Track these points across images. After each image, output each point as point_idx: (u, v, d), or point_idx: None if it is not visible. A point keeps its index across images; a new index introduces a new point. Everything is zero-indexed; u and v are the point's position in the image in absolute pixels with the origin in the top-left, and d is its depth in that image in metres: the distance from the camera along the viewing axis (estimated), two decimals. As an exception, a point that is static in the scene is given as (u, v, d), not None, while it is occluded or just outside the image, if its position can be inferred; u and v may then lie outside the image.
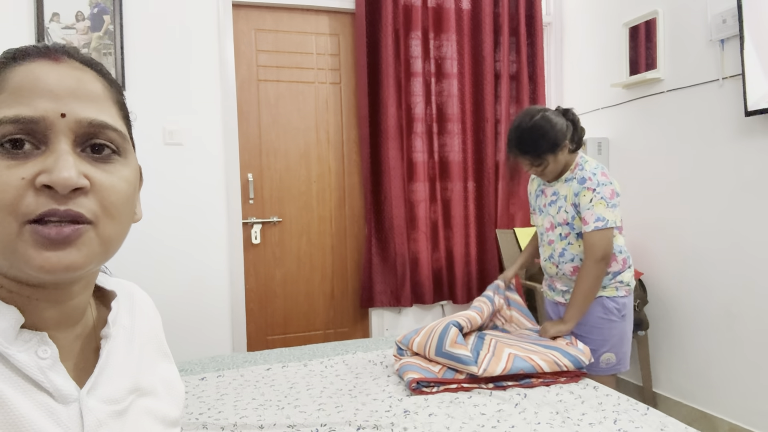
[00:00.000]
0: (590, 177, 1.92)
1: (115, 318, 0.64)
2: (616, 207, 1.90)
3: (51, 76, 0.53)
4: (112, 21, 2.63)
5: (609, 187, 1.90)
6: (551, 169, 1.98)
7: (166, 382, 0.70)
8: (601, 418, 1.47)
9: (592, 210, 1.89)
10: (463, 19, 3.12)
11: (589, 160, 1.99)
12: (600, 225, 1.88)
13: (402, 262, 2.99)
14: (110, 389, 0.60)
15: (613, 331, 1.98)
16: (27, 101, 0.52)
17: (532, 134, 1.92)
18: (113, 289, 0.68)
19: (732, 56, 2.32)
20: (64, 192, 0.50)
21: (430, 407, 1.56)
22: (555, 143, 1.92)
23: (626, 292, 2.01)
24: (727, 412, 2.42)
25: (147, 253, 2.69)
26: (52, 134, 0.52)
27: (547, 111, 1.97)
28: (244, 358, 2.08)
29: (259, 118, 2.95)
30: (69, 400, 0.55)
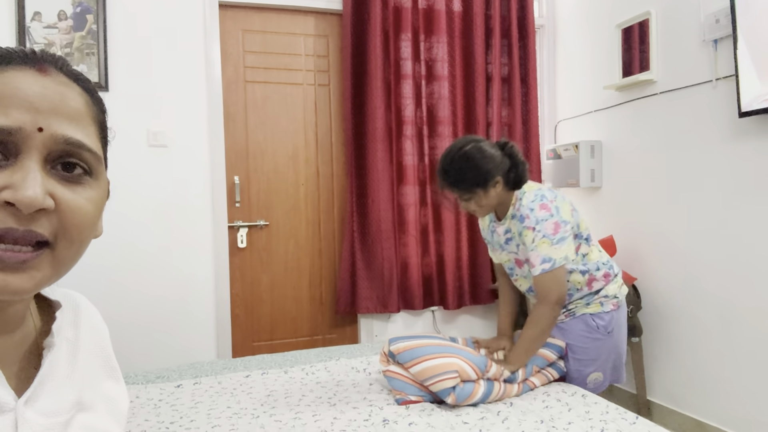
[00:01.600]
0: (528, 215, 1.73)
1: (59, 328, 0.61)
2: (563, 241, 1.71)
3: (34, 88, 0.51)
4: (96, 20, 2.58)
5: (550, 222, 1.71)
6: (482, 205, 1.79)
7: (107, 398, 0.66)
8: (588, 427, 1.41)
9: (536, 251, 1.71)
10: (454, 21, 3.07)
11: (527, 192, 1.79)
12: (547, 267, 1.69)
13: (389, 267, 2.93)
14: (50, 401, 0.56)
15: (600, 349, 1.83)
16: (4, 110, 0.49)
17: (460, 165, 1.73)
18: (58, 300, 0.64)
19: (725, 57, 2.28)
20: (27, 212, 0.48)
21: (411, 416, 1.50)
22: (484, 177, 1.73)
23: (614, 305, 1.86)
24: (722, 421, 2.35)
25: (130, 256, 2.63)
26: (24, 147, 0.49)
27: (481, 142, 1.78)
28: (223, 365, 2.02)
29: (246, 119, 2.90)
30: (4, 410, 0.52)
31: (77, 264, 0.57)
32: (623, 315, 1.91)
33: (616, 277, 1.89)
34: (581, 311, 1.85)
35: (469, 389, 1.59)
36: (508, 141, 1.84)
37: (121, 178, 2.61)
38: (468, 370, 1.60)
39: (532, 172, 3.21)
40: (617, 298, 1.87)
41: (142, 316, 2.65)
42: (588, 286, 1.83)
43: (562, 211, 1.74)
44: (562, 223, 1.72)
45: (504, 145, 1.81)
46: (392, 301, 2.94)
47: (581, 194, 3.15)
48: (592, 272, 1.83)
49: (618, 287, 1.88)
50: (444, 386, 1.56)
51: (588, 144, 2.93)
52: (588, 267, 1.82)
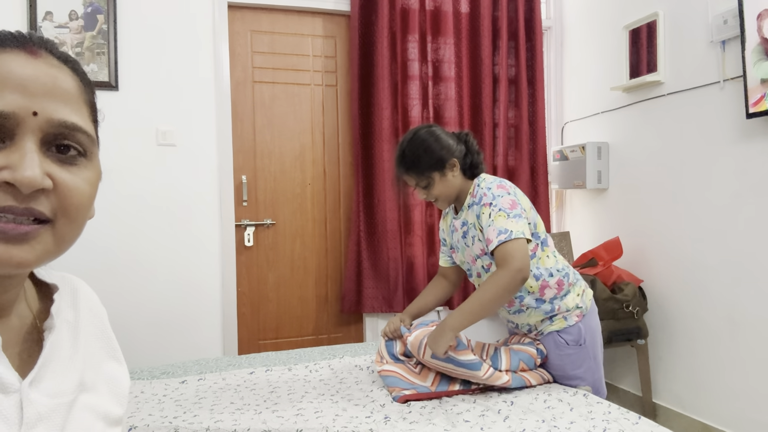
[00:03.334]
0: (485, 193, 1.69)
1: (58, 311, 0.62)
2: (520, 217, 1.63)
3: (26, 71, 0.52)
4: (106, 20, 2.62)
5: (507, 198, 1.66)
6: (441, 192, 1.75)
7: (109, 379, 0.67)
8: (590, 426, 1.41)
9: (492, 225, 1.63)
10: (462, 23, 3.08)
11: (486, 178, 1.76)
12: (503, 237, 1.59)
13: (395, 266, 2.94)
14: (54, 383, 0.57)
15: (575, 362, 1.77)
16: None
17: (414, 148, 1.72)
18: (55, 283, 0.66)
19: (733, 58, 2.27)
20: (26, 192, 0.49)
21: (413, 414, 1.51)
22: (440, 158, 1.71)
23: (578, 316, 1.77)
24: (728, 424, 2.34)
25: (138, 254, 2.66)
26: (19, 131, 0.50)
27: (433, 126, 1.78)
28: (228, 362, 2.04)
29: (254, 119, 2.92)
30: (9, 390, 0.53)
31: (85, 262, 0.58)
32: (594, 321, 1.82)
33: (573, 286, 1.79)
34: (548, 330, 1.79)
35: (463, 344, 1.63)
36: (464, 131, 1.83)
37: (130, 176, 2.64)
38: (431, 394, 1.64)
39: (539, 173, 3.20)
40: (580, 308, 1.78)
41: (150, 314, 2.68)
42: (540, 292, 1.75)
43: (520, 198, 1.71)
44: (519, 204, 1.67)
45: (459, 135, 1.81)
46: (398, 300, 2.95)
47: (588, 196, 3.14)
48: (545, 278, 1.75)
49: (578, 297, 1.79)
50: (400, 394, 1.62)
51: (595, 145, 2.93)
52: (541, 272, 1.74)
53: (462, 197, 1.80)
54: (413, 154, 1.73)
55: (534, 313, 1.79)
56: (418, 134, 1.75)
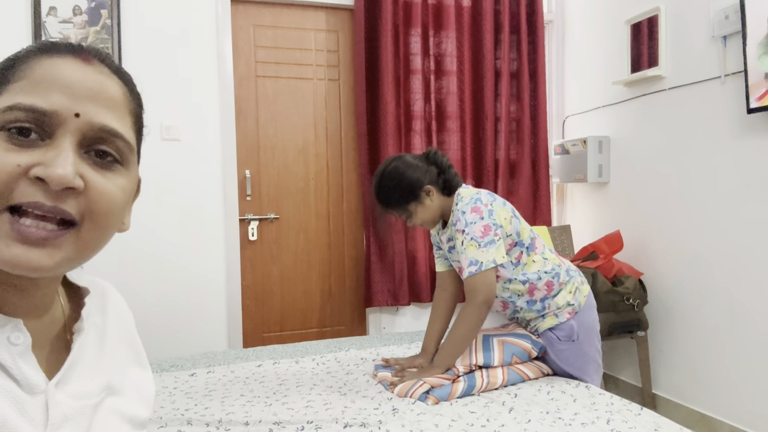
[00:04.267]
0: (459, 218, 1.72)
1: (88, 314, 0.63)
2: (492, 244, 1.67)
3: (76, 74, 0.53)
4: (110, 15, 2.62)
5: (479, 225, 1.68)
6: (424, 218, 1.79)
7: (134, 382, 0.69)
8: (594, 418, 1.44)
9: (464, 254, 1.68)
10: (464, 16, 3.09)
11: (464, 196, 1.77)
12: (473, 270, 1.66)
13: (400, 260, 2.97)
14: (80, 384, 0.58)
15: (570, 358, 1.80)
16: (44, 93, 0.51)
17: (386, 185, 1.76)
18: (86, 286, 0.66)
19: (734, 53, 2.28)
20: (56, 188, 0.49)
21: (420, 406, 1.54)
22: (411, 191, 1.74)
23: (569, 313, 1.80)
24: (727, 415, 2.38)
25: (143, 249, 2.68)
26: (60, 130, 0.51)
27: (403, 157, 1.79)
28: (235, 355, 2.07)
29: (257, 114, 2.94)
30: (36, 391, 0.53)
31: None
32: (588, 317, 1.84)
33: (564, 285, 1.82)
34: (542, 327, 1.83)
35: (447, 389, 1.62)
36: (430, 149, 1.83)
37: (134, 171, 2.66)
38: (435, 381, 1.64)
39: (540, 167, 3.22)
40: (571, 305, 1.81)
41: (155, 307, 2.70)
42: (529, 294, 1.79)
43: (496, 215, 1.71)
44: (493, 226, 1.69)
45: (428, 154, 1.82)
46: (403, 294, 2.98)
47: (589, 189, 3.17)
48: (532, 281, 1.78)
49: (571, 294, 1.82)
50: (419, 393, 1.60)
51: (596, 139, 2.95)
52: (528, 277, 1.78)
53: (446, 214, 1.83)
54: (386, 192, 1.77)
55: (527, 312, 1.84)
56: (385, 172, 1.77)
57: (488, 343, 1.79)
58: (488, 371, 1.71)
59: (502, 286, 1.80)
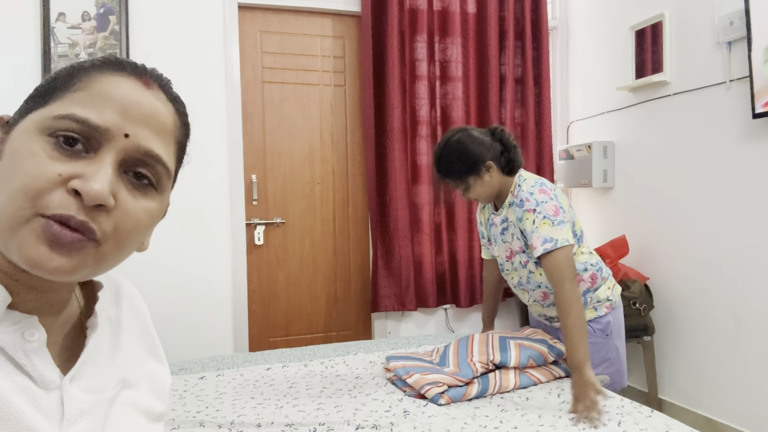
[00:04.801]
0: (527, 198, 1.72)
1: (102, 308, 0.64)
2: (564, 224, 1.69)
3: (133, 96, 0.55)
4: (118, 21, 2.64)
5: (551, 204, 1.70)
6: (481, 193, 1.80)
7: (150, 376, 0.69)
8: (605, 420, 1.45)
9: (537, 232, 1.68)
10: (469, 23, 3.11)
11: (527, 178, 1.80)
12: (549, 246, 1.66)
13: (407, 265, 2.97)
14: (95, 379, 0.59)
15: (600, 352, 1.83)
16: (100, 108, 0.53)
17: (448, 155, 1.77)
18: (99, 280, 0.67)
19: (739, 58, 2.30)
20: (89, 204, 0.50)
21: (431, 408, 1.54)
22: (473, 164, 1.74)
23: (607, 308, 1.84)
24: (733, 419, 2.38)
25: (150, 253, 2.68)
26: (105, 146, 0.53)
27: (468, 130, 1.80)
28: (244, 358, 2.07)
29: (264, 119, 2.95)
30: (50, 387, 0.54)
31: None
32: (620, 316, 1.89)
33: (605, 281, 1.86)
34: None
35: (461, 391, 1.62)
36: (498, 126, 1.83)
37: (142, 175, 2.67)
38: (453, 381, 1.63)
39: (545, 172, 3.24)
40: (610, 301, 1.85)
41: (162, 312, 2.70)
42: None
43: (561, 199, 1.75)
44: (561, 209, 1.72)
45: (494, 131, 1.81)
46: (409, 299, 2.98)
47: (594, 194, 3.18)
48: (579, 272, 1.81)
49: (609, 290, 1.86)
50: (434, 392, 1.59)
51: (601, 144, 2.96)
52: (576, 267, 1.79)
53: (503, 194, 1.83)
54: (448, 161, 1.77)
55: None
56: (450, 142, 1.77)
57: (505, 343, 1.79)
58: (501, 374, 1.71)
59: None
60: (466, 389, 1.63)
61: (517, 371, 1.74)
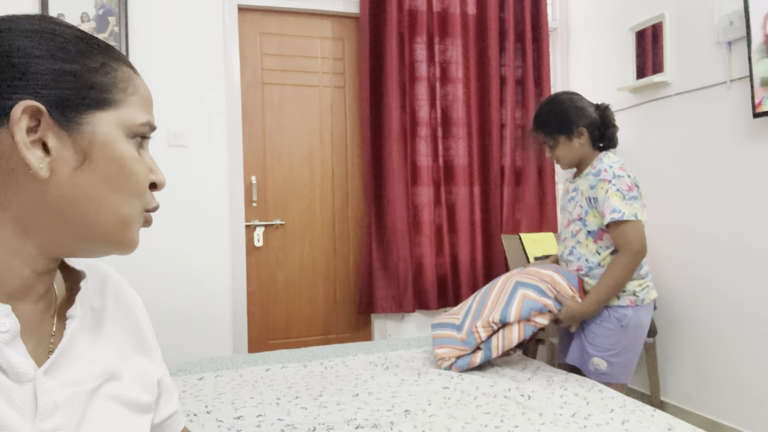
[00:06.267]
0: (606, 169, 1.81)
1: (83, 298, 0.62)
2: (635, 200, 1.78)
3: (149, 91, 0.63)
4: (118, 22, 2.64)
5: (626, 180, 1.79)
6: (564, 155, 1.90)
7: (135, 367, 0.67)
8: (608, 419, 1.43)
9: (608, 202, 1.78)
10: (469, 24, 3.11)
11: (610, 155, 1.89)
12: (616, 216, 1.75)
13: (405, 266, 2.96)
14: (73, 371, 0.57)
15: (609, 339, 1.84)
16: (149, 110, 0.61)
17: (549, 110, 1.91)
18: (83, 270, 0.65)
19: (739, 58, 2.30)
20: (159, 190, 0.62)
21: (432, 407, 1.53)
22: (569, 124, 1.86)
23: (630, 302, 1.85)
24: (736, 421, 2.36)
25: (149, 254, 2.67)
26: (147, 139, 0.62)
27: (576, 94, 1.94)
28: (243, 359, 2.05)
29: (264, 120, 2.95)
30: (24, 380, 0.52)
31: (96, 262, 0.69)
32: (643, 317, 1.88)
33: (641, 278, 1.87)
34: None
35: (466, 360, 1.82)
36: (604, 104, 1.93)
37: (141, 177, 2.66)
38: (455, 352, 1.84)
39: (546, 173, 3.23)
40: (635, 296, 1.85)
41: (161, 313, 2.69)
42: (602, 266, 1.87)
43: (636, 179, 1.83)
44: (636, 187, 1.81)
45: (599, 105, 1.92)
46: (408, 300, 2.96)
47: (594, 196, 3.17)
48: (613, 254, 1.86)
49: (640, 287, 1.86)
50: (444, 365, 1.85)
51: (601, 145, 2.95)
52: (612, 249, 1.86)
53: (583, 165, 1.92)
54: (547, 114, 1.91)
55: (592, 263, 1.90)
56: (558, 97, 1.93)
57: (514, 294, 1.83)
58: (504, 332, 1.80)
59: (596, 248, 1.88)
60: (471, 358, 1.80)
61: (521, 323, 1.80)
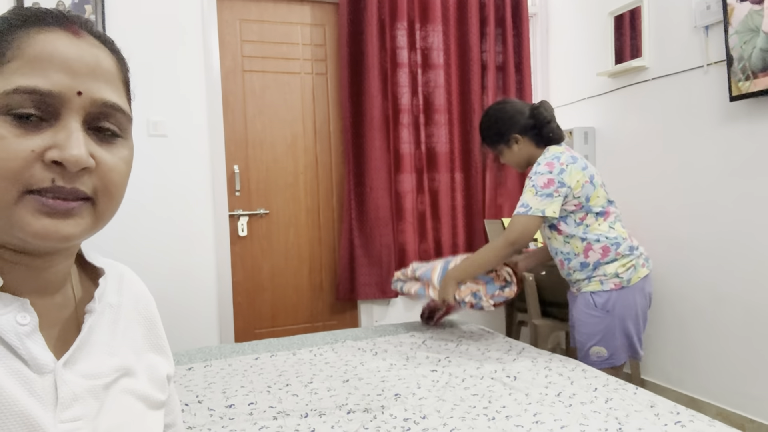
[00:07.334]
0: (534, 167, 1.89)
1: (102, 294, 0.63)
2: (548, 197, 1.81)
3: (71, 51, 0.52)
4: (94, 11, 2.59)
5: (545, 177, 1.83)
6: (510, 160, 2.02)
7: (149, 366, 0.68)
8: (593, 397, 1.47)
9: (522, 197, 1.88)
10: (449, 10, 3.11)
11: (549, 150, 1.91)
12: (521, 210, 1.84)
13: (387, 252, 2.98)
14: (90, 364, 0.58)
15: (598, 326, 1.88)
16: (44, 73, 0.51)
17: (482, 124, 2.02)
18: (102, 266, 0.66)
19: (716, 42, 2.34)
20: (73, 170, 0.51)
21: (421, 390, 1.55)
22: (501, 135, 1.96)
23: (615, 285, 1.87)
24: (714, 397, 2.44)
25: (132, 245, 2.65)
26: (65, 110, 0.52)
27: (506, 103, 2.00)
28: (231, 349, 2.06)
29: (245, 109, 2.92)
30: (44, 371, 0.54)
31: None
32: (630, 296, 1.89)
33: (620, 258, 1.88)
34: (584, 289, 1.93)
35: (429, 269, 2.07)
36: (542, 102, 1.98)
37: (122, 167, 2.62)
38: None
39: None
40: (619, 278, 1.87)
41: (146, 305, 2.67)
42: (584, 255, 1.89)
43: (567, 174, 1.83)
44: (558, 183, 1.82)
45: (533, 107, 1.98)
46: (390, 286, 2.98)
47: (575, 180, 3.21)
48: (591, 242, 1.88)
49: (622, 268, 1.88)
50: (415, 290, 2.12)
51: (582, 130, 2.99)
52: (587, 236, 1.88)
53: (533, 162, 1.97)
54: (483, 128, 2.02)
55: (578, 273, 1.94)
56: (489, 110, 2.02)
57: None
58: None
59: (564, 239, 1.92)
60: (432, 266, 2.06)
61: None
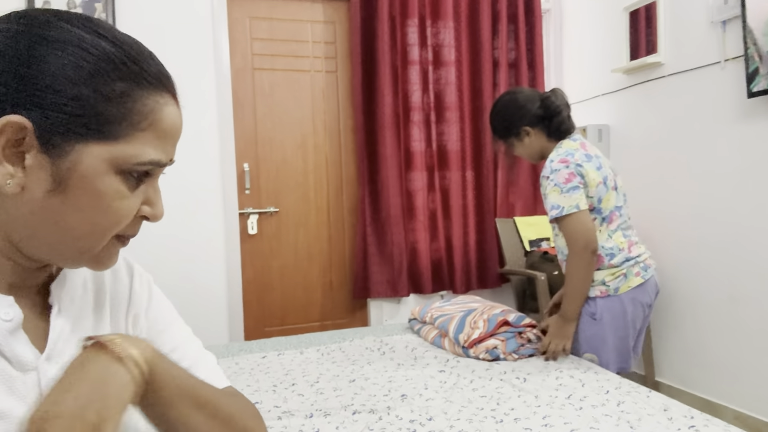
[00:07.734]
0: (547, 165, 1.79)
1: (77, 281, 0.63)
2: (574, 191, 1.71)
3: (179, 124, 0.58)
4: (105, 9, 2.59)
5: (563, 172, 1.73)
6: (521, 153, 1.91)
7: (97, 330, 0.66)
8: (604, 400, 1.44)
9: (547, 199, 1.76)
10: (461, 6, 3.08)
11: (562, 145, 1.82)
12: (555, 213, 1.72)
13: (399, 251, 2.95)
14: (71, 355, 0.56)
15: (586, 333, 1.80)
16: (165, 148, 0.56)
17: (492, 117, 1.93)
18: None
19: (734, 37, 2.28)
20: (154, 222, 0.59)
21: (429, 391, 1.53)
22: (510, 127, 1.86)
23: (601, 292, 1.78)
24: (731, 400, 2.38)
25: (142, 244, 2.65)
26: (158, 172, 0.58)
27: (516, 93, 1.89)
28: (239, 347, 2.05)
29: (255, 107, 2.91)
30: (27, 368, 0.53)
31: None
32: (618, 306, 1.79)
33: (614, 268, 1.79)
34: None
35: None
36: (555, 90, 1.87)
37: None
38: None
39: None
40: (606, 286, 1.79)
41: (156, 303, 2.68)
42: None
43: (584, 171, 1.74)
44: (578, 175, 1.73)
45: (543, 97, 1.86)
46: (402, 285, 2.96)
47: (588, 178, 3.16)
48: None
49: (610, 276, 1.79)
50: None
51: (596, 128, 2.94)
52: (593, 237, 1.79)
53: (546, 155, 1.87)
54: (494, 120, 1.93)
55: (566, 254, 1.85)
56: (499, 101, 1.92)
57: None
58: None
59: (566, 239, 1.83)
60: None
61: None
